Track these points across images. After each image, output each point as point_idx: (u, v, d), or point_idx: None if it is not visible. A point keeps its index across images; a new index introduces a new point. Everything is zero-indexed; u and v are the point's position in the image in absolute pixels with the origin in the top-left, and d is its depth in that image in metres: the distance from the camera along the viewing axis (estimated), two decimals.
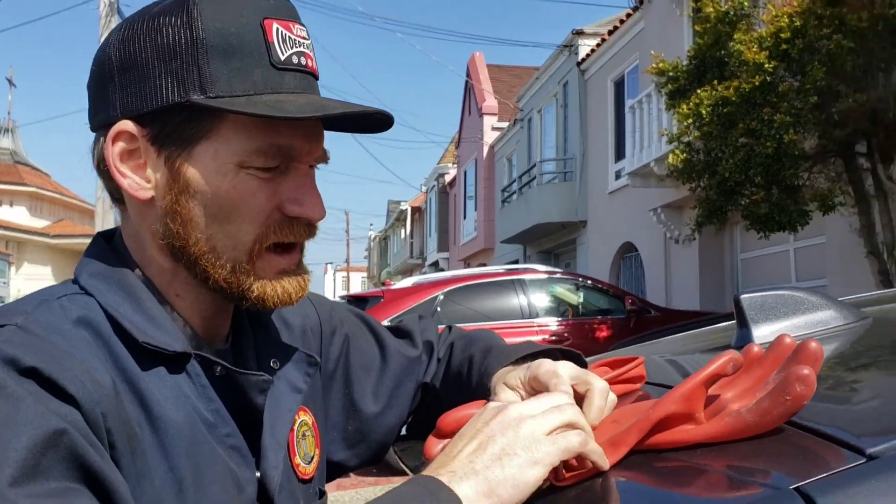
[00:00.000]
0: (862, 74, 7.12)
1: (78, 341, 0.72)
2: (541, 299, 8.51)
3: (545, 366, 0.84)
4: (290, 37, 0.79)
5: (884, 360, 0.92)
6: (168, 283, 0.82)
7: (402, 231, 42.99)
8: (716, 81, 7.58)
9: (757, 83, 7.13)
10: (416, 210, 39.02)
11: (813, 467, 0.58)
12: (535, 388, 0.83)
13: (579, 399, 0.79)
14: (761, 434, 0.67)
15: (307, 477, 0.90)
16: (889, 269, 7.38)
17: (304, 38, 0.80)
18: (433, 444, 0.86)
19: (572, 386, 0.80)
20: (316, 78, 0.82)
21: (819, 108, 7.03)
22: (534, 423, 0.68)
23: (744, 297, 1.09)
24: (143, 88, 0.77)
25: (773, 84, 7.15)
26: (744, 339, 1.06)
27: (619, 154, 15.02)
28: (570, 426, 0.69)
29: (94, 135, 0.83)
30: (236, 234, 0.78)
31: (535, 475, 0.65)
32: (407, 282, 9.07)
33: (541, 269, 9.30)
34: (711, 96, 7.49)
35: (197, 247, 0.78)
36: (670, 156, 8.42)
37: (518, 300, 8.30)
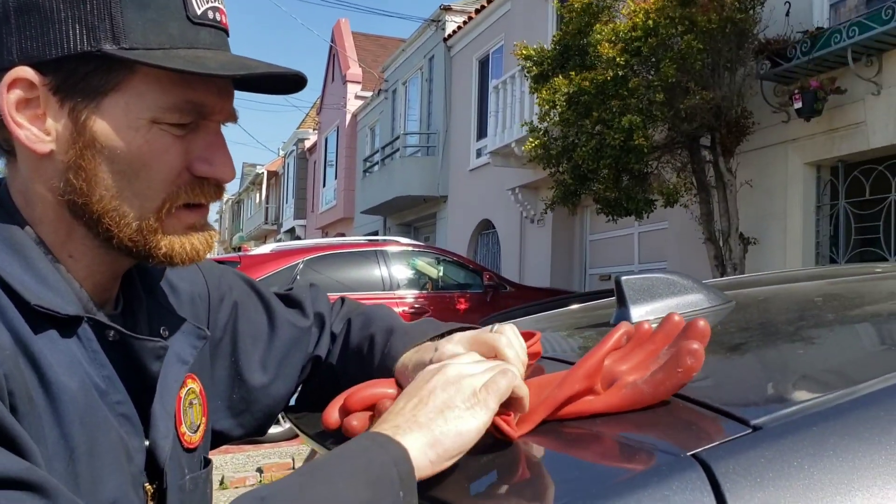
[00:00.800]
0: (709, 73, 7.61)
1: None
2: (402, 272, 8.59)
3: (457, 337, 0.86)
4: None
5: (754, 340, 1.02)
6: (62, 242, 0.77)
7: (258, 195, 41.91)
8: (573, 73, 7.87)
9: (609, 77, 7.47)
10: (273, 175, 38.10)
11: (706, 436, 0.65)
12: None
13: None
14: (655, 405, 0.73)
15: (192, 446, 0.88)
16: (724, 255, 7.99)
17: None
18: (331, 415, 0.86)
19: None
20: (227, 34, 0.80)
21: (668, 103, 7.46)
22: (472, 379, 0.70)
23: (624, 279, 1.16)
24: (45, 33, 0.71)
25: (624, 78, 7.52)
26: (622, 317, 1.14)
27: (482, 132, 15.29)
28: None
29: None
30: (145, 192, 0.75)
31: (476, 424, 0.67)
32: (265, 248, 8.90)
33: (403, 242, 9.38)
34: (568, 85, 7.78)
35: (101, 204, 0.74)
36: (527, 143, 8.70)
37: (380, 272, 8.33)
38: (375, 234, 18.93)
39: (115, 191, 0.74)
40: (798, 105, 7.48)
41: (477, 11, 15.89)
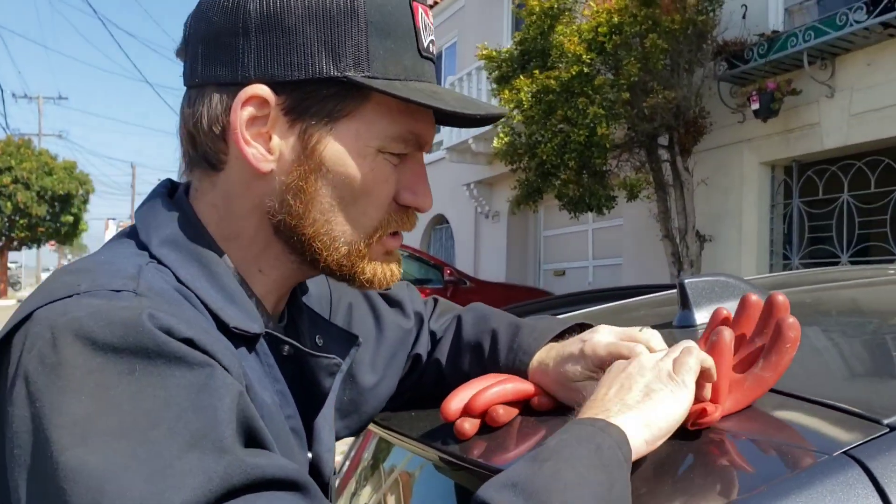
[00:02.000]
0: (670, 73, 7.76)
1: (195, 313, 0.68)
2: None
3: (604, 340, 0.85)
4: (427, 23, 0.77)
5: (835, 339, 1.06)
6: (254, 256, 0.77)
7: None
8: (537, 71, 7.94)
9: (574, 73, 7.56)
10: None
11: (847, 436, 0.68)
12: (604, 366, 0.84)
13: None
14: (773, 408, 0.76)
15: None
16: (680, 252, 8.16)
17: (432, 24, 0.79)
18: (453, 406, 0.86)
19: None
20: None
21: (630, 102, 7.58)
22: (664, 363, 0.73)
23: (687, 281, 1.19)
24: (288, 54, 0.70)
25: (589, 75, 7.62)
26: (686, 318, 1.17)
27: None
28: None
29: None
30: (359, 218, 0.76)
31: (683, 405, 0.69)
32: None
33: None
34: (531, 85, 7.86)
35: (313, 227, 0.75)
36: (495, 140, 8.75)
37: None
38: None
39: (330, 215, 0.75)
40: (755, 106, 7.68)
41: (430, 7, 15.84)
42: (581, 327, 0.95)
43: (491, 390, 0.86)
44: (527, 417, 0.88)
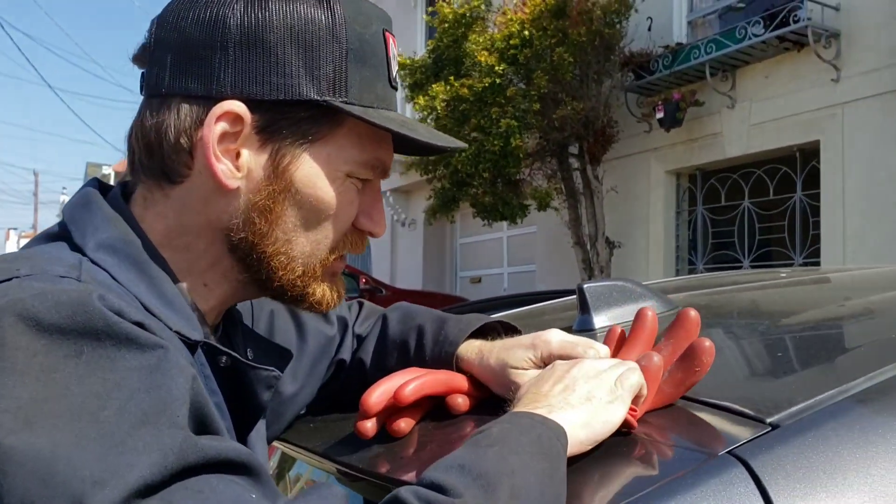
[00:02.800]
0: (579, 84, 7.94)
1: (140, 308, 0.65)
2: None
3: (556, 337, 0.87)
4: (395, 53, 0.78)
5: (725, 341, 1.09)
6: (201, 271, 0.75)
7: None
8: (452, 78, 8.01)
9: (487, 84, 7.66)
10: (121, 175, 36.29)
11: (731, 436, 0.70)
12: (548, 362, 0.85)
13: None
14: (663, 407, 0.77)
15: None
16: (591, 258, 8.34)
17: (398, 54, 0.79)
18: (374, 398, 0.84)
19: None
20: None
21: (541, 112, 7.73)
22: (608, 374, 0.73)
23: (586, 286, 1.20)
24: (268, 73, 0.70)
25: (502, 86, 7.73)
26: (585, 322, 1.18)
27: None
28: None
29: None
30: (320, 241, 0.76)
31: (618, 416, 0.70)
32: None
33: None
34: (447, 91, 7.92)
35: (273, 247, 0.74)
36: None
37: None
38: None
39: (292, 235, 0.75)
40: (660, 115, 7.95)
41: None
42: (503, 326, 0.96)
43: (422, 379, 0.84)
44: (424, 426, 0.88)
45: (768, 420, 0.70)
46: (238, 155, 0.72)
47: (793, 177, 7.66)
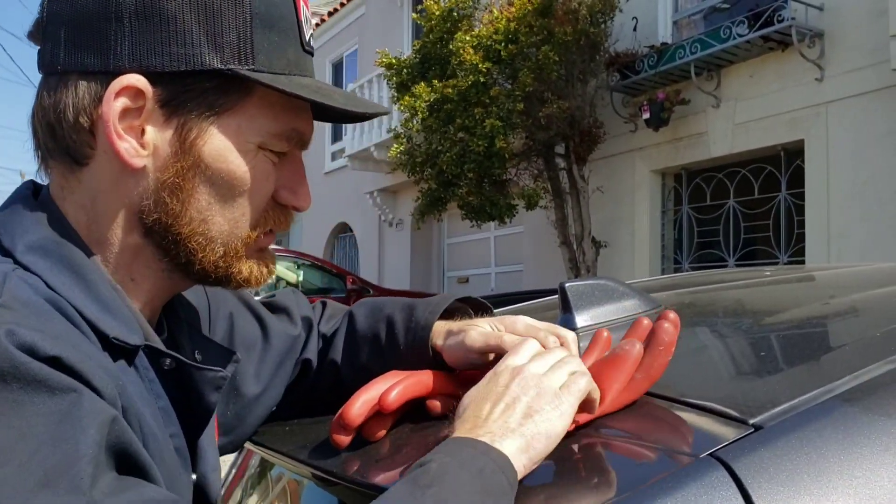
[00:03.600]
0: (565, 83, 7.94)
1: (67, 326, 0.61)
2: None
3: (519, 322, 0.86)
4: (308, 17, 0.74)
5: (708, 341, 1.08)
6: (125, 264, 0.71)
7: None
8: (436, 81, 7.99)
9: (471, 81, 7.65)
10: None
11: (713, 437, 0.68)
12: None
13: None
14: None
15: None
16: (577, 258, 8.35)
17: (311, 17, 0.77)
18: (355, 412, 0.81)
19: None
20: None
21: (526, 112, 7.72)
22: (549, 379, 0.70)
23: (568, 285, 1.19)
24: (168, 43, 0.66)
25: (486, 84, 7.72)
26: (567, 322, 1.17)
27: (336, 135, 15.19)
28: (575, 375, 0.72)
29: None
30: (238, 217, 0.72)
31: (562, 425, 0.67)
32: None
33: None
34: (430, 93, 7.90)
35: (189, 227, 0.70)
36: (391, 149, 8.75)
37: None
38: None
39: (207, 213, 0.71)
40: (646, 115, 7.96)
41: (330, 14, 15.76)
42: (475, 303, 0.94)
43: (404, 383, 0.82)
44: (400, 428, 0.86)
45: (751, 421, 0.68)
46: (143, 131, 0.68)
47: (777, 176, 7.69)
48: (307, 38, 0.74)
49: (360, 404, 0.80)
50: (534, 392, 0.69)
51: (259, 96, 0.70)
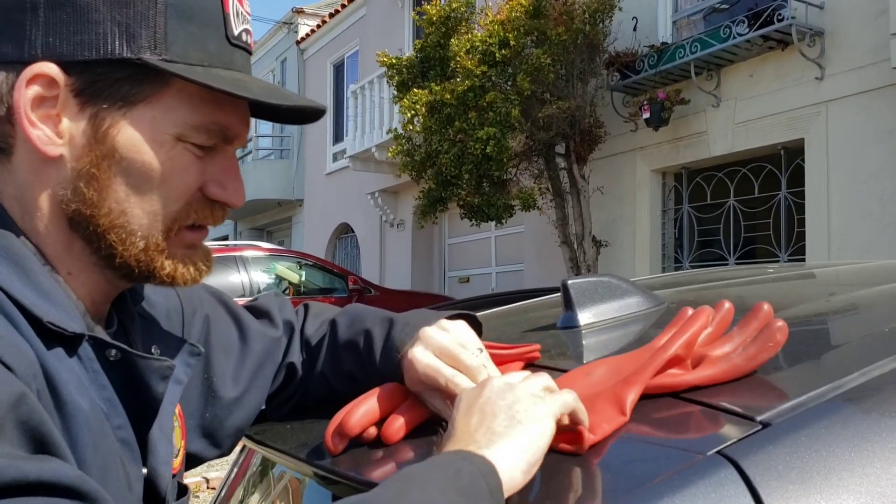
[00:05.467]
0: (563, 83, 7.93)
1: None
2: (262, 277, 8.38)
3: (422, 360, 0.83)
4: (241, 11, 0.74)
5: None
6: (59, 256, 0.71)
7: None
8: (434, 83, 7.99)
9: (467, 86, 7.64)
10: None
11: (721, 435, 0.67)
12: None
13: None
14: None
15: (174, 472, 0.82)
16: (578, 257, 8.34)
17: (248, 14, 0.75)
18: (334, 439, 0.81)
19: None
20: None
21: (525, 113, 7.71)
22: (523, 385, 0.69)
23: (570, 282, 1.18)
24: (78, 32, 0.66)
25: (483, 88, 7.71)
26: (569, 319, 1.16)
27: (338, 136, 15.18)
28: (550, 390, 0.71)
29: None
30: (157, 210, 0.72)
31: (548, 425, 0.66)
32: None
33: (263, 247, 9.15)
34: (428, 95, 7.89)
35: (108, 218, 0.70)
36: (389, 151, 8.76)
37: (240, 277, 8.10)
38: (225, 238, 18.37)
39: (125, 205, 0.71)
40: (646, 115, 7.94)
41: (331, 15, 15.77)
42: (461, 318, 0.93)
43: (404, 416, 0.81)
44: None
45: (759, 418, 0.68)
46: (59, 120, 0.69)
47: (777, 175, 7.68)
48: (235, 32, 0.73)
49: (360, 414, 0.80)
50: (511, 396, 0.68)
51: (177, 88, 0.70)
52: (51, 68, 0.67)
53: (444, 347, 0.84)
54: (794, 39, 6.94)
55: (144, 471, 0.74)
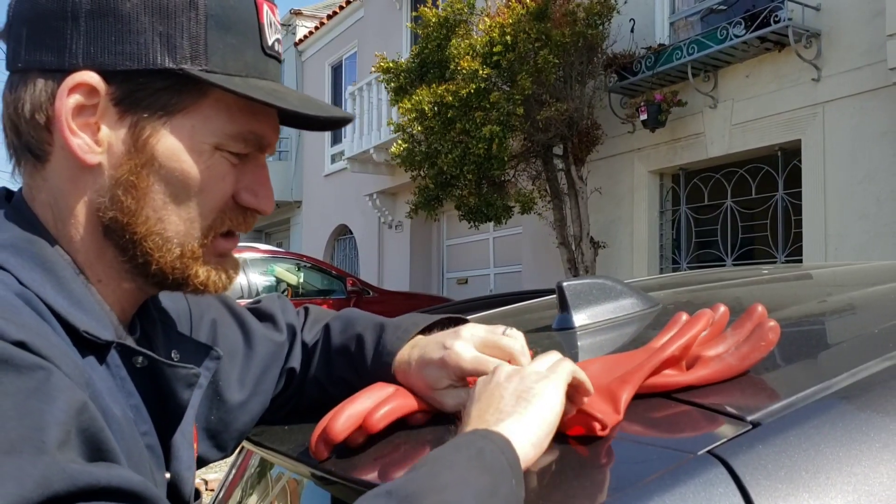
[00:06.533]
0: (563, 85, 7.95)
1: (36, 319, 0.62)
2: (261, 279, 8.39)
3: (468, 354, 0.83)
4: (273, 21, 0.75)
5: None
6: (91, 264, 0.72)
7: None
8: (436, 84, 7.99)
9: (472, 89, 7.65)
10: None
11: (711, 434, 0.68)
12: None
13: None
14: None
15: None
16: (576, 258, 8.35)
17: (279, 23, 0.77)
18: (339, 427, 0.80)
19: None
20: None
21: (525, 115, 7.72)
22: (530, 367, 0.72)
23: (565, 284, 1.19)
24: (121, 42, 0.67)
25: (487, 90, 7.72)
26: (565, 321, 1.17)
27: (336, 138, 15.18)
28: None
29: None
30: (193, 217, 0.73)
31: (555, 398, 0.68)
32: None
33: (262, 248, 9.15)
34: (432, 94, 7.89)
35: (146, 226, 0.71)
36: (393, 146, 8.75)
37: (238, 279, 8.08)
38: None
39: (163, 213, 0.72)
40: (644, 116, 7.95)
41: (329, 17, 15.77)
42: (452, 321, 0.93)
43: (390, 405, 0.82)
44: (400, 428, 0.86)
45: (749, 418, 0.68)
46: (98, 129, 0.70)
47: (774, 176, 7.69)
48: (270, 42, 0.75)
49: (344, 419, 0.80)
50: (517, 377, 0.71)
51: (215, 97, 0.71)
52: (92, 77, 0.68)
53: (484, 339, 0.84)
54: (790, 41, 6.95)
55: (168, 475, 0.75)
